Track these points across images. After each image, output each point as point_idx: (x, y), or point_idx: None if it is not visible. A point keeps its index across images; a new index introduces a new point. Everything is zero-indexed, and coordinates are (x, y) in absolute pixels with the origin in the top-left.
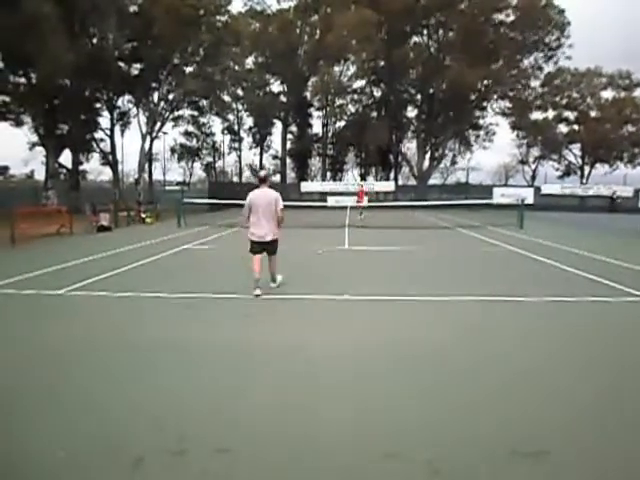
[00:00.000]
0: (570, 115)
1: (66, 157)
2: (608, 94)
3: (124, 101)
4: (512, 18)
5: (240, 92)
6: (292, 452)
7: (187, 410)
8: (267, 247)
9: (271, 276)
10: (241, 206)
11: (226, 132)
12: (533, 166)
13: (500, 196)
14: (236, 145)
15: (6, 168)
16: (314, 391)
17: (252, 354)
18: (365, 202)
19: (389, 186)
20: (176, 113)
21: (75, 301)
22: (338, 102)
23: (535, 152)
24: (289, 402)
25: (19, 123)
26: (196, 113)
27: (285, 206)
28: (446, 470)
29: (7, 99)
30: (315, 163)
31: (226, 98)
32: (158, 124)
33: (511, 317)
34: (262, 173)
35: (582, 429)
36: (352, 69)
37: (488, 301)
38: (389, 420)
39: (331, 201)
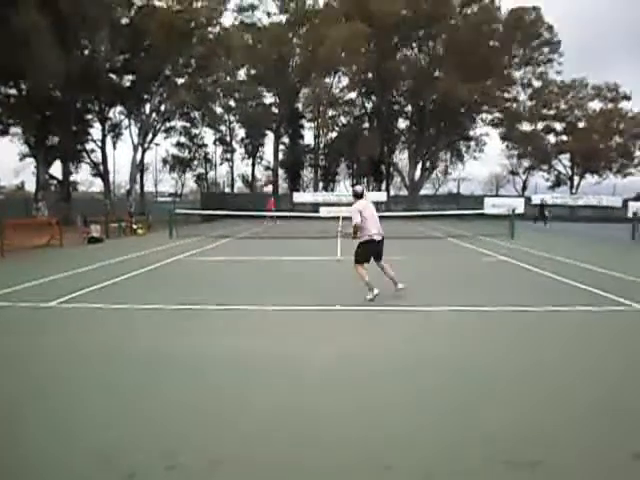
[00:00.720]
0: (558, 126)
1: (57, 168)
2: (595, 105)
3: (115, 112)
4: (501, 33)
5: (232, 103)
6: (286, 463)
7: (180, 420)
8: (379, 249)
9: (392, 281)
10: (233, 217)
11: (218, 143)
12: (523, 176)
13: (491, 206)
14: (228, 156)
15: None
16: (310, 402)
17: (247, 365)
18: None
19: (381, 196)
20: (168, 124)
21: (66, 313)
22: (330, 113)
23: (525, 163)
24: (283, 412)
25: (6, 133)
26: (188, 124)
27: (277, 217)
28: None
29: None
30: (307, 174)
31: (218, 109)
32: (150, 135)
33: (503, 326)
34: (359, 188)
35: (578, 439)
36: (344, 81)
37: (481, 311)
38: (384, 430)
39: (323, 212)
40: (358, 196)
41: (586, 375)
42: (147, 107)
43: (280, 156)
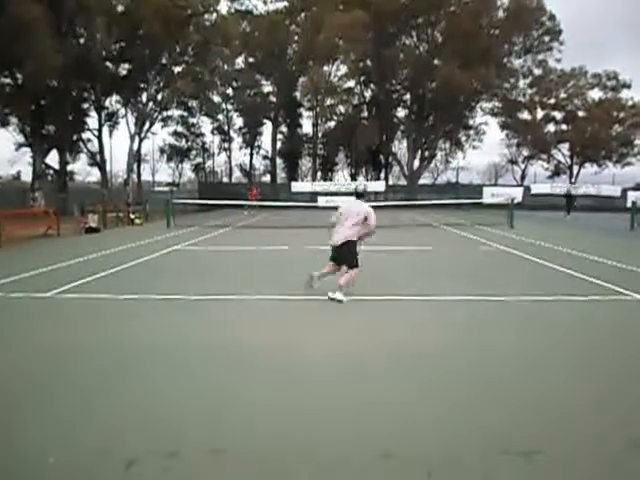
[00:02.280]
0: (558, 115)
1: (53, 158)
2: (595, 94)
3: (112, 101)
4: (502, 20)
5: (230, 92)
6: (287, 452)
7: (180, 411)
8: (339, 252)
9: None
10: (231, 207)
11: (216, 132)
12: (522, 166)
13: (490, 195)
14: (226, 145)
15: None
16: (310, 391)
17: (245, 354)
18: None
19: (380, 186)
20: (165, 113)
21: (64, 304)
22: (328, 102)
23: (525, 152)
24: (283, 402)
25: (5, 123)
26: (185, 113)
27: (275, 206)
28: (438, 469)
29: None
30: (305, 163)
31: (216, 98)
32: (147, 124)
33: (501, 317)
34: (360, 188)
35: (576, 428)
36: (342, 69)
37: (479, 300)
38: (383, 420)
39: (322, 201)
40: (358, 195)
41: (585, 365)
42: (144, 96)
43: (278, 145)
